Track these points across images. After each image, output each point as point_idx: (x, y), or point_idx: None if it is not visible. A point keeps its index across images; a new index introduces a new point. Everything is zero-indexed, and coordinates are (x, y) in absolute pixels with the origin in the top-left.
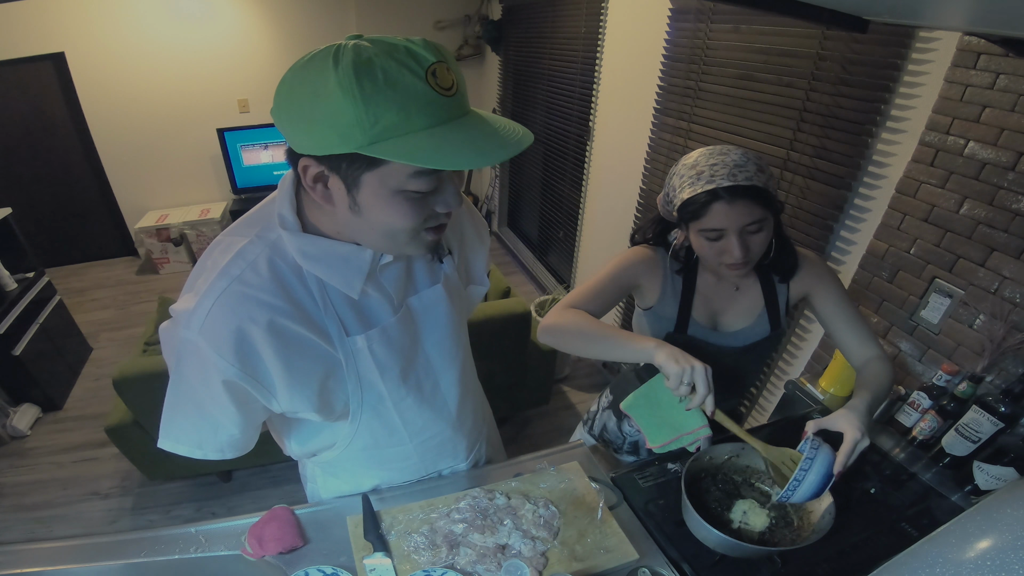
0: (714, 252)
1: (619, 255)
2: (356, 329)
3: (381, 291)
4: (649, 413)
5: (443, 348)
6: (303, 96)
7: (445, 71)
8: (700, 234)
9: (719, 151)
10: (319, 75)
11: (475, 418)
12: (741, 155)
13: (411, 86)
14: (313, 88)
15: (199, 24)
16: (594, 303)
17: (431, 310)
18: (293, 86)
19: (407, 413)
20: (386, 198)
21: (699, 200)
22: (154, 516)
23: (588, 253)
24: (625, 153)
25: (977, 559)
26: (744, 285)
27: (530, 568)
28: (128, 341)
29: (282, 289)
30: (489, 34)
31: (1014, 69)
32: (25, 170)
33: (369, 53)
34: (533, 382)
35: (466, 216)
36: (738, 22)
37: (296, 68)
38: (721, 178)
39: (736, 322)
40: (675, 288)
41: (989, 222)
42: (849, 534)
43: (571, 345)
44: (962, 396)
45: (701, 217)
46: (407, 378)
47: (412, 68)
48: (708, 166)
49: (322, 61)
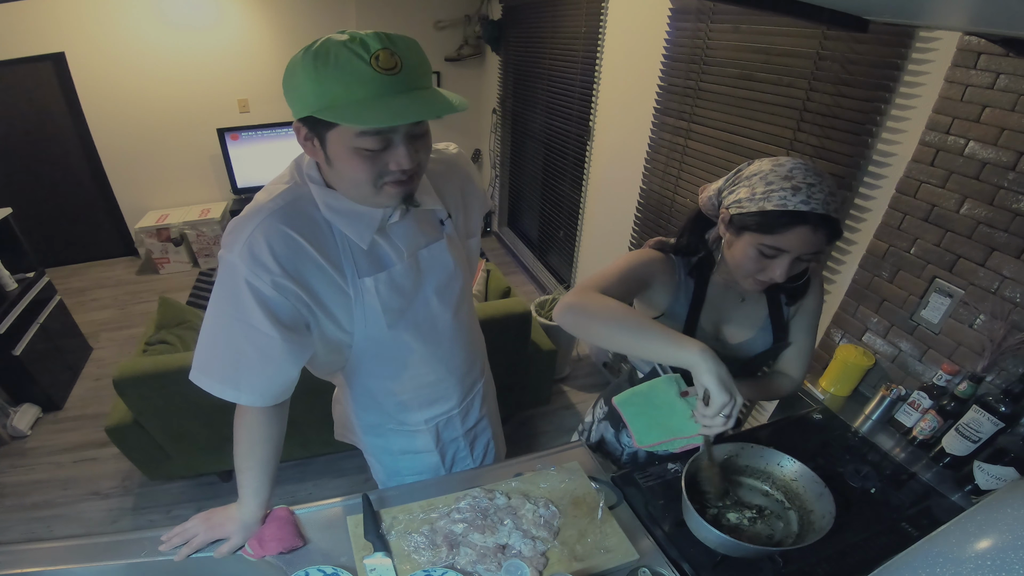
0: (756, 266)
1: (631, 252)
2: (367, 272)
3: (391, 243)
4: (642, 412)
5: (443, 294)
6: (288, 74)
7: (389, 55)
8: (758, 246)
9: (812, 169)
10: (295, 63)
11: (469, 366)
12: (831, 181)
13: (355, 67)
14: (292, 69)
15: (199, 24)
16: (617, 290)
17: (435, 260)
18: (286, 71)
19: (403, 348)
20: (345, 154)
21: (784, 217)
22: (154, 516)
23: (588, 253)
24: (625, 153)
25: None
26: (751, 297)
27: (530, 568)
28: (128, 341)
29: (311, 227)
30: (489, 34)
31: (1014, 69)
32: (25, 170)
33: (331, 43)
34: (533, 382)
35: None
36: (738, 22)
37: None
38: (817, 203)
39: (739, 333)
40: (687, 293)
41: (989, 222)
42: (849, 534)
43: (596, 331)
44: (962, 396)
45: (776, 233)
46: (404, 315)
47: (358, 53)
48: (805, 184)
49: (302, 52)
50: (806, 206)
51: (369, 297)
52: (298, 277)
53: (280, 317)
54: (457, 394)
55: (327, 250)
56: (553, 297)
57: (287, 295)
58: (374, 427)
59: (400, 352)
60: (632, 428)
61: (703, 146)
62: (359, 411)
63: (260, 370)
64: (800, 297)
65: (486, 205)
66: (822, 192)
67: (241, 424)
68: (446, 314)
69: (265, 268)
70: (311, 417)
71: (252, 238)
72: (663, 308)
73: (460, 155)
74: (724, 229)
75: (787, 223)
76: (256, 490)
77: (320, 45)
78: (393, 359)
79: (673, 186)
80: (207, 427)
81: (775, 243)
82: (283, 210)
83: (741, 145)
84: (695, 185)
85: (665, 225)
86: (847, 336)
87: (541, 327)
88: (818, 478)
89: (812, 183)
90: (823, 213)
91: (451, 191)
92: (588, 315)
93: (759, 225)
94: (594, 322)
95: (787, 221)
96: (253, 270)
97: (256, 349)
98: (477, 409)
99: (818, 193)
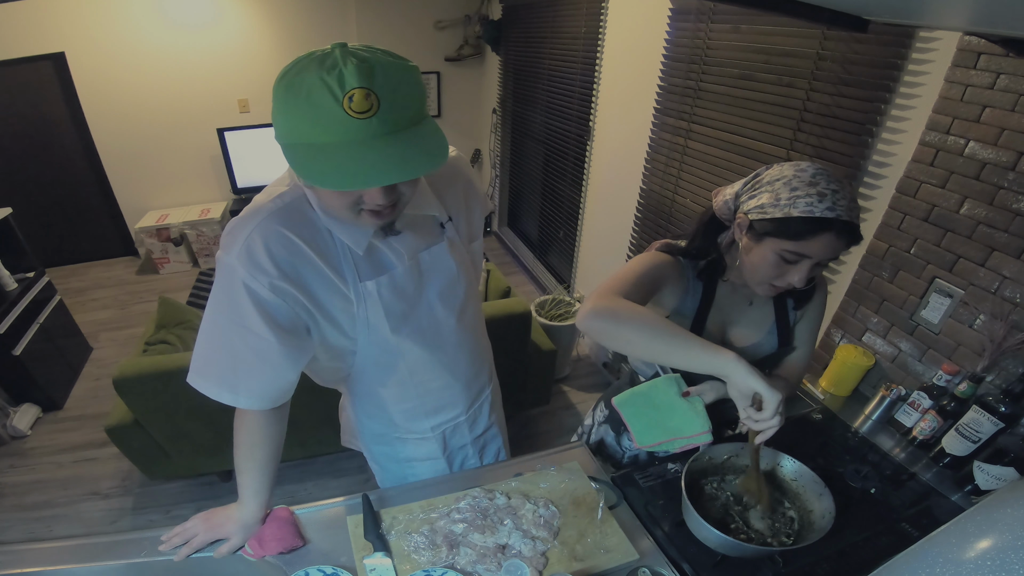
0: (776, 272)
1: (641, 256)
2: (368, 275)
3: (390, 247)
4: (643, 412)
5: (446, 298)
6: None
7: (364, 97)
8: (780, 252)
9: (833, 175)
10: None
11: (476, 371)
12: (849, 187)
13: (325, 106)
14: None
15: (199, 24)
16: (636, 294)
17: (437, 263)
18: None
19: (407, 355)
20: None
21: (812, 223)
22: (154, 516)
23: (588, 253)
24: (625, 153)
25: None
26: (758, 300)
27: (530, 568)
28: (128, 341)
29: (310, 230)
30: (489, 34)
31: (1014, 69)
32: (25, 170)
33: (307, 74)
34: (533, 382)
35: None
36: (738, 22)
37: None
38: (842, 209)
39: (746, 336)
40: (695, 295)
41: (989, 222)
42: (849, 534)
43: (626, 337)
44: (962, 396)
45: (800, 239)
46: (408, 319)
47: (332, 90)
48: (830, 190)
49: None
50: (832, 213)
51: (371, 301)
52: (297, 280)
53: (278, 320)
54: (464, 401)
55: (327, 254)
56: (553, 297)
57: (285, 298)
58: (380, 436)
59: (404, 358)
60: (632, 428)
61: (703, 146)
62: (364, 419)
63: (258, 374)
64: (807, 301)
65: (486, 207)
66: (845, 199)
67: (241, 426)
68: (450, 319)
69: (263, 270)
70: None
71: (250, 240)
72: (670, 309)
73: (460, 158)
74: (742, 234)
75: (814, 230)
76: (256, 491)
77: (296, 74)
78: (397, 365)
79: (673, 186)
80: (207, 427)
81: (799, 249)
82: (282, 212)
83: (741, 145)
84: (695, 185)
85: (665, 225)
86: (847, 336)
87: (541, 327)
88: (818, 478)
89: (836, 189)
90: (847, 220)
91: (453, 194)
92: (618, 321)
93: (784, 231)
94: (624, 328)
95: (814, 228)
96: (251, 272)
97: (253, 352)
98: (486, 416)
99: (842, 200)
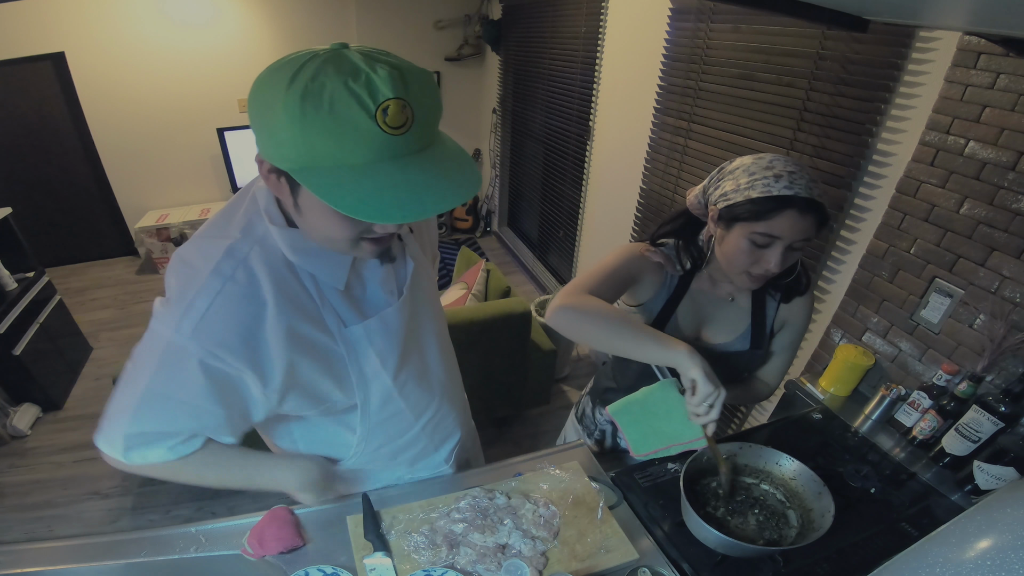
0: (750, 259)
1: (620, 247)
2: (353, 320)
3: (373, 282)
4: (639, 421)
5: (426, 322)
6: (259, 102)
7: (400, 109)
8: (749, 236)
9: (791, 160)
10: (273, 89)
11: (455, 385)
12: (810, 172)
13: (354, 119)
14: (265, 98)
15: (199, 24)
16: (604, 290)
17: (416, 289)
18: (257, 88)
19: (410, 396)
20: (321, 210)
21: (772, 202)
22: (154, 516)
23: (588, 253)
24: (625, 153)
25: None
26: (739, 297)
27: (530, 568)
28: (128, 341)
29: (277, 284)
30: (489, 34)
31: (1014, 69)
32: (25, 170)
33: (328, 79)
34: (533, 382)
35: None
36: (738, 22)
37: (266, 71)
38: (800, 187)
39: (718, 335)
40: (669, 289)
41: (989, 222)
42: (849, 534)
43: (587, 332)
44: (962, 396)
45: (765, 219)
46: (406, 362)
47: (362, 101)
48: (786, 172)
49: (282, 75)
50: (790, 191)
51: (363, 350)
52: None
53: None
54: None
55: (302, 303)
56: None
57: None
58: None
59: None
60: (628, 438)
61: (703, 146)
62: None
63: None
64: (797, 294)
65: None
66: (803, 179)
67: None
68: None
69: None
70: None
71: (209, 316)
72: (642, 301)
73: None
74: (714, 226)
75: (775, 207)
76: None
77: (313, 79)
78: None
79: (673, 186)
80: None
81: (767, 230)
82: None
83: (741, 145)
84: (695, 185)
85: None
86: (847, 336)
87: (541, 327)
88: (817, 477)
89: (792, 171)
90: (807, 196)
91: None
92: (579, 316)
93: (748, 213)
94: (585, 323)
95: (775, 206)
96: (212, 351)
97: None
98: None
99: (799, 179)
